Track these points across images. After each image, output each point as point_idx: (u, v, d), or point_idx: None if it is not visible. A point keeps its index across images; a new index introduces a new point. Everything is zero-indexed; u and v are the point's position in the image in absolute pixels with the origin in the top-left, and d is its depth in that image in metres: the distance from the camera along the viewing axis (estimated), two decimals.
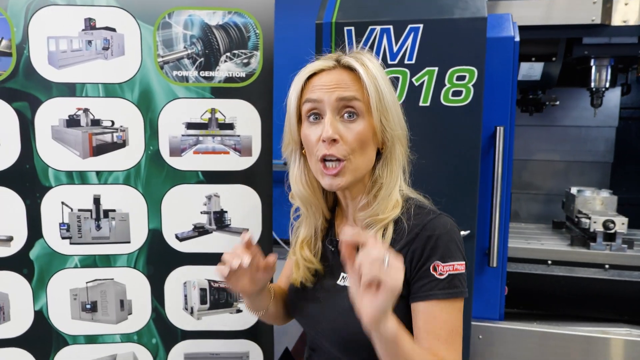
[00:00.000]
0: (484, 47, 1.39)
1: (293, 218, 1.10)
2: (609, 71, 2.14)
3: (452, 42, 1.40)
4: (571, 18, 1.92)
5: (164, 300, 1.38)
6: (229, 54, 1.31)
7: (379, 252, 0.70)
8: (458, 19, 1.39)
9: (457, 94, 1.42)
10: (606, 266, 1.82)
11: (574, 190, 2.15)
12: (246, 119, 1.33)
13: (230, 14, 1.30)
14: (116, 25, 1.28)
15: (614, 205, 2.05)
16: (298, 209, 1.05)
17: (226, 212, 1.36)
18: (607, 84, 2.15)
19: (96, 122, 1.31)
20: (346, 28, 1.45)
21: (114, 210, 1.34)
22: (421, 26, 1.41)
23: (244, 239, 0.95)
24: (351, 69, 0.92)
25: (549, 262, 1.88)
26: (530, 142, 2.71)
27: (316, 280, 1.03)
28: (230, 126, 1.33)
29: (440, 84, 1.42)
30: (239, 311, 1.39)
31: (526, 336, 1.66)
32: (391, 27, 1.42)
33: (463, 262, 0.90)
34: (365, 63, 0.92)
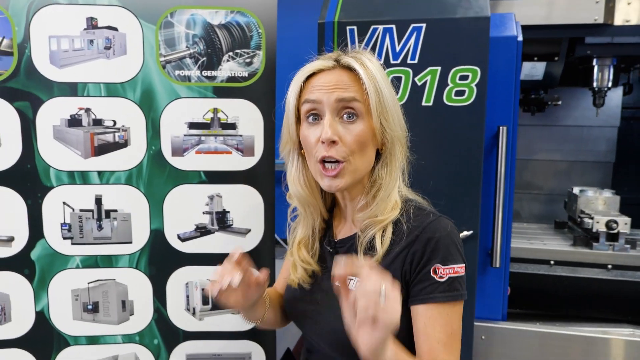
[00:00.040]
0: (487, 47, 1.38)
1: (290, 218, 1.09)
2: (611, 71, 2.13)
3: (455, 41, 1.39)
4: (573, 17, 1.91)
5: (166, 301, 1.38)
6: (231, 53, 1.31)
7: (374, 285, 0.68)
8: (461, 18, 1.38)
9: (460, 93, 1.41)
10: (609, 266, 1.81)
11: (576, 190, 2.14)
12: (248, 118, 1.32)
13: (233, 13, 1.30)
14: (118, 24, 1.28)
15: (617, 205, 2.04)
16: (295, 208, 1.05)
17: (228, 212, 1.36)
18: (609, 84, 2.15)
19: (98, 122, 1.30)
20: (348, 27, 1.44)
21: (115, 211, 1.34)
22: (424, 26, 1.40)
23: (233, 257, 0.92)
24: (351, 69, 0.91)
25: (552, 262, 1.87)
26: (532, 142, 2.70)
27: (313, 282, 1.02)
28: (232, 126, 1.32)
29: (443, 84, 1.41)
30: None
31: (529, 336, 1.65)
32: (394, 26, 1.42)
33: (463, 264, 0.90)
34: (365, 63, 0.91)
